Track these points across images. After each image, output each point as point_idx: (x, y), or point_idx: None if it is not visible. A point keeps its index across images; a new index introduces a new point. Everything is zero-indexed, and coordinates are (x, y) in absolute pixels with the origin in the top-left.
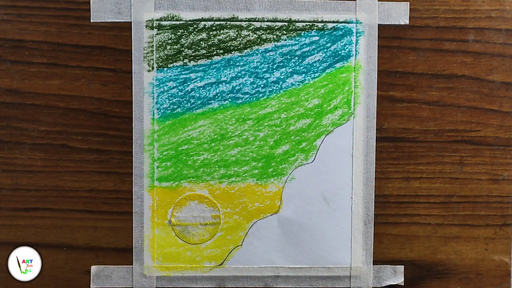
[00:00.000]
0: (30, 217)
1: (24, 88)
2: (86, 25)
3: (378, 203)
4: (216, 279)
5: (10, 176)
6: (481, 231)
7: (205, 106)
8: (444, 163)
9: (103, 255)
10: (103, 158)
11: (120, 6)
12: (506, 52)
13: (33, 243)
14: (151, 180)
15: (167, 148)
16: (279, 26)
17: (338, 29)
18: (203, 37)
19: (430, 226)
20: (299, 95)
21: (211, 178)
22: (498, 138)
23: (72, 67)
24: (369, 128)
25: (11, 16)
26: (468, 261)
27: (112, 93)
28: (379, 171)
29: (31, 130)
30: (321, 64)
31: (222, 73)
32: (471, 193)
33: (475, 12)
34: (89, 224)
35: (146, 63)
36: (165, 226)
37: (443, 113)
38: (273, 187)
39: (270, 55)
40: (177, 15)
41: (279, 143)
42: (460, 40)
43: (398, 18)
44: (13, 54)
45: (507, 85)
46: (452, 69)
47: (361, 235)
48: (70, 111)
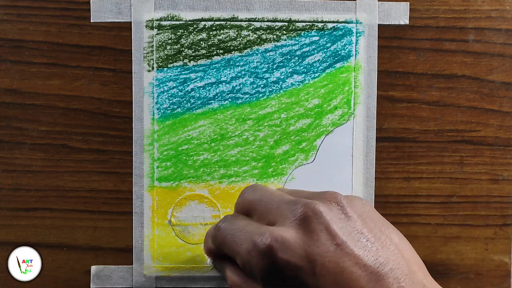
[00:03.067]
0: (30, 217)
1: (24, 88)
2: (86, 25)
3: (378, 203)
4: (216, 279)
5: (10, 176)
6: (481, 231)
7: (205, 106)
8: (444, 163)
9: (103, 255)
10: (103, 158)
11: (120, 6)
12: (506, 52)
13: (33, 243)
14: (151, 180)
15: (167, 148)
16: (279, 26)
17: (338, 29)
18: (203, 37)
19: (430, 226)
20: (299, 95)
21: (211, 178)
22: (498, 138)
23: (72, 67)
24: (369, 128)
25: (11, 16)
26: (468, 261)
27: (112, 93)
28: (379, 171)
29: (31, 130)
30: (321, 64)
31: (222, 73)
32: (471, 193)
33: (475, 12)
34: (89, 224)
35: (146, 63)
36: (165, 226)
37: (443, 113)
38: (273, 187)
39: (270, 55)
40: (177, 15)
41: (279, 143)
42: (460, 40)
43: (398, 18)
44: (13, 54)
45: (507, 85)
46: (452, 69)
47: None
48: (70, 111)
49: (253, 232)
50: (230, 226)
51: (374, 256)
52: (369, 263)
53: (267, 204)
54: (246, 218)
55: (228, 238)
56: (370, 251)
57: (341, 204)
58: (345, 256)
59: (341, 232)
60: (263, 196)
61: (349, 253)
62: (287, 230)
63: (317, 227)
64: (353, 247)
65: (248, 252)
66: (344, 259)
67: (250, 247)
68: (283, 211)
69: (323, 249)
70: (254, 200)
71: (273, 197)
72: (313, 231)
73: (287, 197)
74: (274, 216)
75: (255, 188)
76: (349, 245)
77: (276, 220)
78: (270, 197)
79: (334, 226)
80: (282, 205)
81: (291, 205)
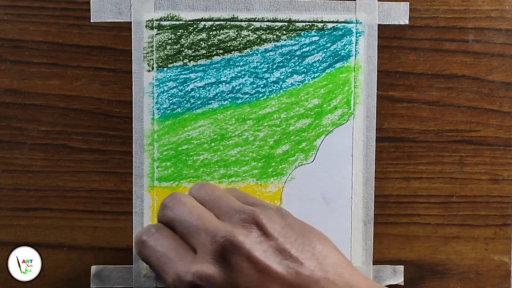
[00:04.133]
0: (30, 217)
1: (24, 88)
2: (86, 25)
3: (378, 203)
4: None
5: (10, 176)
6: (481, 231)
7: (205, 106)
8: (444, 163)
9: (103, 255)
10: (103, 158)
11: (120, 6)
12: (506, 52)
13: (33, 243)
14: (151, 180)
15: (167, 148)
16: (279, 26)
17: (338, 29)
18: (203, 37)
19: (430, 226)
20: (299, 95)
21: (211, 178)
22: (498, 138)
23: (72, 67)
24: (369, 128)
25: (11, 16)
26: (468, 261)
27: (112, 93)
28: (379, 171)
29: (31, 130)
30: (321, 64)
31: (222, 73)
32: (471, 193)
33: (475, 12)
34: (89, 224)
35: (146, 63)
36: None
37: (443, 113)
38: (273, 187)
39: (270, 55)
40: (177, 15)
41: (279, 143)
42: (460, 40)
43: (398, 18)
44: (13, 54)
45: (507, 85)
46: (452, 69)
47: (361, 235)
48: (70, 111)
49: (177, 264)
50: (155, 247)
51: (298, 273)
52: (294, 280)
53: (187, 228)
54: (170, 237)
55: (153, 260)
56: (293, 268)
57: (261, 224)
58: (270, 280)
59: (263, 257)
60: (182, 217)
61: (273, 276)
62: (209, 265)
63: (238, 258)
64: (277, 268)
65: (174, 284)
66: (270, 284)
67: (175, 280)
68: (202, 240)
69: (248, 279)
70: (176, 219)
71: (192, 219)
72: (235, 263)
73: (204, 220)
74: (195, 242)
75: (178, 201)
76: (272, 268)
77: (197, 247)
78: (190, 218)
79: (256, 253)
80: (201, 233)
81: (210, 235)
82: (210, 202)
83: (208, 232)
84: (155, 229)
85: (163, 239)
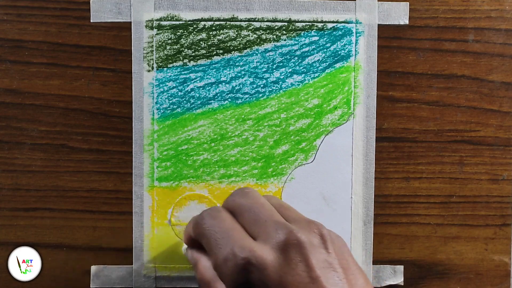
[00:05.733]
0: (30, 217)
1: (24, 88)
2: (86, 25)
3: (378, 203)
4: None
5: (10, 176)
6: (481, 231)
7: (205, 106)
8: (444, 163)
9: (103, 255)
10: (103, 158)
11: (120, 6)
12: (506, 52)
13: (33, 243)
14: (151, 180)
15: (167, 148)
16: (279, 26)
17: (337, 29)
18: (203, 37)
19: (430, 226)
20: (298, 95)
21: (211, 178)
22: (498, 138)
23: (72, 67)
24: (369, 128)
25: (11, 16)
26: (468, 261)
27: (112, 93)
28: (379, 171)
29: (31, 130)
30: (320, 64)
31: (222, 73)
32: (471, 193)
33: (475, 12)
34: (89, 224)
35: (146, 63)
36: (165, 226)
37: (443, 113)
38: (273, 187)
39: (270, 55)
40: (177, 15)
41: (278, 143)
42: (460, 40)
43: (398, 18)
44: (13, 54)
45: (507, 85)
46: (452, 69)
47: (361, 235)
48: (70, 111)
49: (235, 241)
50: (214, 223)
51: None
52: None
53: (255, 216)
54: (231, 219)
55: (208, 234)
56: None
57: (324, 237)
58: None
59: (318, 266)
60: (254, 206)
61: None
62: (267, 251)
63: (296, 256)
64: (326, 283)
65: (225, 260)
66: None
67: (228, 256)
68: (268, 229)
69: (298, 279)
70: (244, 207)
71: (262, 211)
72: (292, 259)
73: (276, 216)
74: (259, 230)
75: (247, 194)
76: (322, 281)
77: (259, 235)
78: (260, 210)
79: (313, 260)
80: (269, 223)
81: (278, 227)
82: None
83: (277, 224)
84: (217, 210)
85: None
